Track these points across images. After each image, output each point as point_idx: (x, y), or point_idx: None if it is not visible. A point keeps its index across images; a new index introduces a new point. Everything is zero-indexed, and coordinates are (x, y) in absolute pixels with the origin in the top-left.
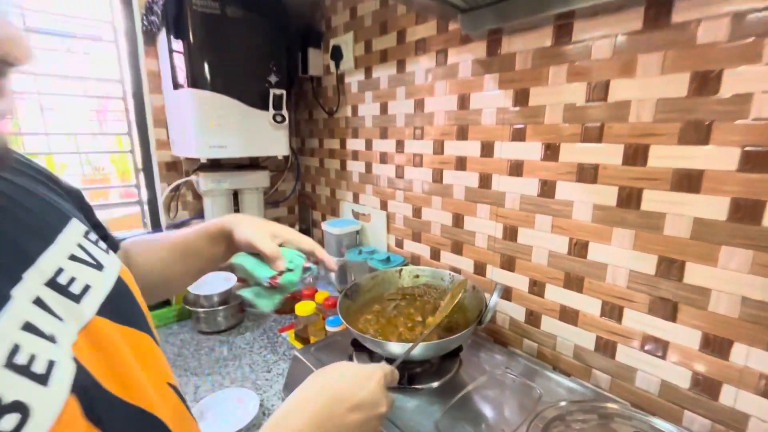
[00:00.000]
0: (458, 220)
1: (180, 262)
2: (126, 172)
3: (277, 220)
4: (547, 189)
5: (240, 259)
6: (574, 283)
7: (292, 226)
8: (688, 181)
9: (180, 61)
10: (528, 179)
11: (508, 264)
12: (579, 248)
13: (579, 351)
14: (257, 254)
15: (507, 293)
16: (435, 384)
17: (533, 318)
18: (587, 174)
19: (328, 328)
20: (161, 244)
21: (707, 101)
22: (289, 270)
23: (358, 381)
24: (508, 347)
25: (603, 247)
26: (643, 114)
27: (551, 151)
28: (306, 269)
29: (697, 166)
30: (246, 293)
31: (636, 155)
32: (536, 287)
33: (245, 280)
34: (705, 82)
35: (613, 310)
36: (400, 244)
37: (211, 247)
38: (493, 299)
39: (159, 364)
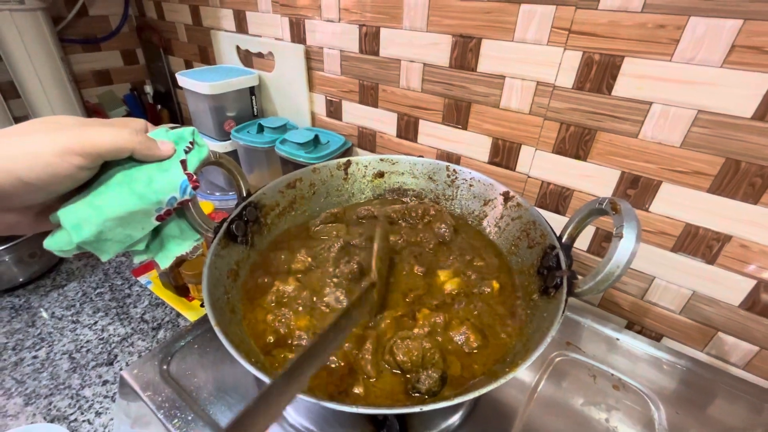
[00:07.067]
0: (465, 48)
1: None
2: None
3: (106, 75)
4: None
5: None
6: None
7: (140, 85)
8: None
9: None
10: None
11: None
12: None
13: None
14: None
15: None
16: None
17: None
18: None
19: None
20: None
21: None
22: (188, 148)
23: None
24: None
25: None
26: None
27: None
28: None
29: None
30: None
31: None
32: (332, 108)
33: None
34: None
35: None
36: (336, 110)
37: None
38: (621, 248)
39: None
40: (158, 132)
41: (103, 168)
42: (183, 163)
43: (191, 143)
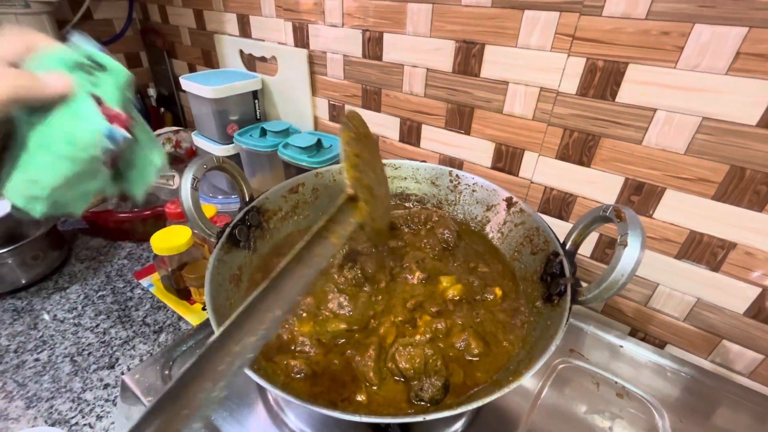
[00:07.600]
0: (469, 54)
1: None
2: None
3: None
4: None
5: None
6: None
7: (143, 87)
8: None
9: None
10: None
11: None
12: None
13: None
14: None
15: None
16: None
17: None
18: None
19: None
20: None
21: None
22: (91, 74)
23: None
24: None
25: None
26: None
27: None
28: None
29: None
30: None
31: None
32: (335, 112)
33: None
34: None
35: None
36: (339, 114)
37: None
38: (626, 256)
39: None
40: (42, 62)
41: (12, 133)
42: (98, 100)
43: (92, 67)
